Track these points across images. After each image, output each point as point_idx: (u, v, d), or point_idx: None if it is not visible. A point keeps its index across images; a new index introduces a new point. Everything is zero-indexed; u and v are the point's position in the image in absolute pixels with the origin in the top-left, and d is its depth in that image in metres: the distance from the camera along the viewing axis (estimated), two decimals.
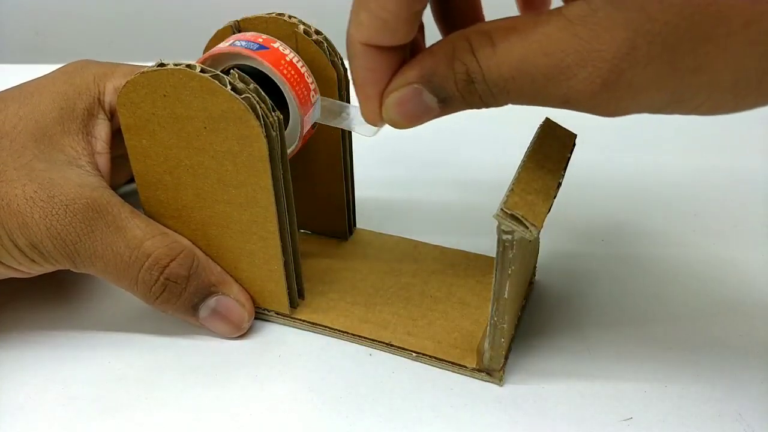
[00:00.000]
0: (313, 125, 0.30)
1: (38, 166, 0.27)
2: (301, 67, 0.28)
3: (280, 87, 0.27)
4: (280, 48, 0.28)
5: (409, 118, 0.23)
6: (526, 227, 0.22)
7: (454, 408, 0.26)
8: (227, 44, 0.28)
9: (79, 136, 0.28)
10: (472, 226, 0.37)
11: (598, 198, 0.40)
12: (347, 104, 0.29)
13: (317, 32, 0.29)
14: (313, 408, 0.26)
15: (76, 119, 0.28)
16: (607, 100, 0.20)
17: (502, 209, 0.22)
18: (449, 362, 0.28)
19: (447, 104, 0.22)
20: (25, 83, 0.30)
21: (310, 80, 0.29)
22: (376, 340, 0.29)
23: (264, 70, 0.27)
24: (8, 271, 0.27)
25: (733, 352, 0.28)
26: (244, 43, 0.27)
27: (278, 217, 0.27)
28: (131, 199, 0.28)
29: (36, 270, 0.28)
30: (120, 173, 0.32)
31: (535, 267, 0.32)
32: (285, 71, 0.27)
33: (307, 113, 0.28)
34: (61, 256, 0.27)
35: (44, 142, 0.27)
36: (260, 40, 0.28)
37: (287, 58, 0.28)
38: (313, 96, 0.29)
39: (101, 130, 0.29)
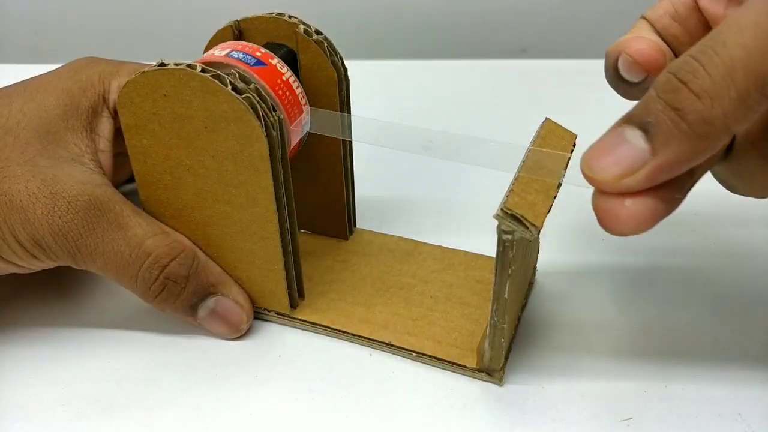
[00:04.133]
0: (300, 140, 0.30)
1: (42, 162, 0.27)
2: (296, 87, 0.29)
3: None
4: (278, 66, 0.28)
5: (613, 165, 0.20)
6: (526, 227, 0.22)
7: (454, 408, 0.26)
8: (223, 53, 0.27)
9: (83, 134, 0.28)
10: (472, 226, 0.37)
11: None
12: None
13: (317, 32, 0.29)
14: (313, 408, 0.26)
15: (80, 116, 0.28)
16: None
17: (502, 209, 0.22)
18: (449, 362, 0.28)
19: (653, 136, 0.20)
20: (30, 79, 0.30)
21: (303, 101, 0.29)
22: (376, 340, 0.29)
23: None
24: (9, 266, 0.27)
25: (733, 352, 0.28)
26: (241, 55, 0.27)
27: (278, 217, 0.27)
28: (132, 198, 0.28)
29: (37, 266, 0.28)
30: (121, 171, 0.32)
31: (535, 267, 0.32)
32: (280, 91, 0.28)
33: (290, 133, 0.28)
34: (63, 252, 0.27)
35: (48, 138, 0.27)
36: (258, 54, 0.28)
37: (284, 77, 0.28)
38: (302, 119, 0.29)
39: (105, 128, 0.29)
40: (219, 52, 0.28)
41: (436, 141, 0.26)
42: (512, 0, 0.69)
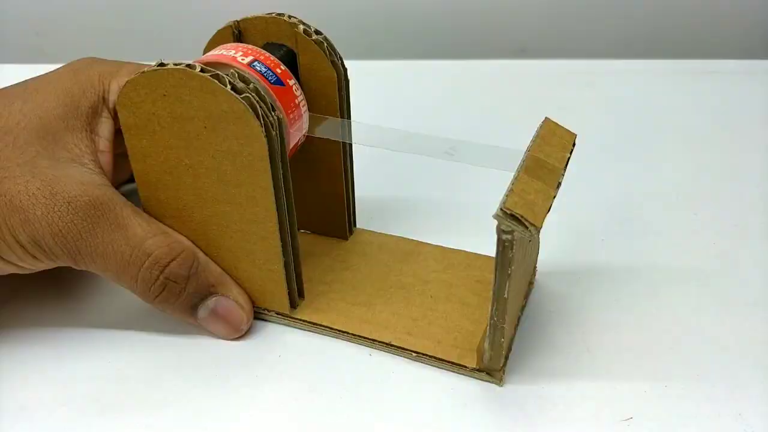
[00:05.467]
0: (298, 141, 0.30)
1: (42, 163, 0.27)
2: (302, 106, 0.29)
3: None
4: (294, 88, 0.28)
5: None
6: (526, 227, 0.22)
7: (454, 408, 0.26)
8: (246, 61, 0.27)
9: (82, 134, 0.28)
10: (472, 226, 0.36)
11: (598, 198, 0.40)
12: None
13: (317, 32, 0.30)
14: (313, 408, 0.26)
15: (80, 117, 0.28)
16: None
17: (501, 209, 0.22)
18: (449, 362, 0.28)
19: None
20: (30, 79, 0.30)
21: (306, 123, 0.29)
22: (376, 340, 0.29)
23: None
24: (9, 267, 0.27)
25: (733, 352, 0.28)
26: (263, 69, 0.27)
27: (278, 217, 0.27)
28: (132, 198, 0.28)
29: (37, 266, 0.28)
30: (121, 171, 0.32)
31: (535, 267, 0.32)
32: (291, 114, 0.28)
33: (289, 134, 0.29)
34: (63, 253, 0.27)
35: (48, 139, 0.27)
36: (279, 70, 0.28)
37: (297, 101, 0.28)
38: (300, 139, 0.30)
39: (105, 128, 0.29)
40: (240, 56, 0.27)
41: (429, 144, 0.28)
42: (512, 0, 0.69)
